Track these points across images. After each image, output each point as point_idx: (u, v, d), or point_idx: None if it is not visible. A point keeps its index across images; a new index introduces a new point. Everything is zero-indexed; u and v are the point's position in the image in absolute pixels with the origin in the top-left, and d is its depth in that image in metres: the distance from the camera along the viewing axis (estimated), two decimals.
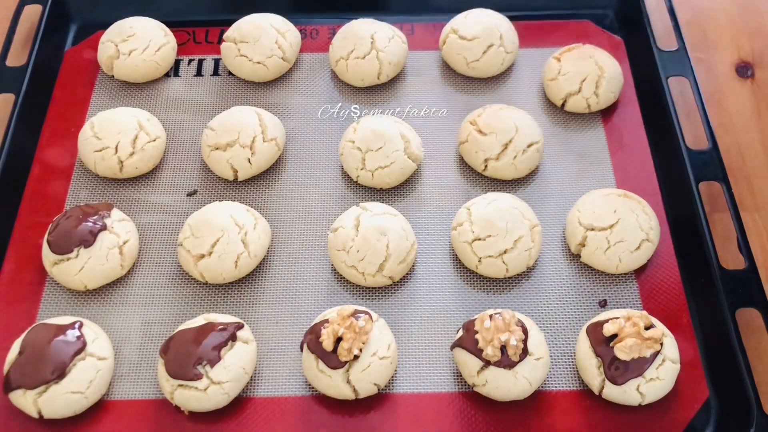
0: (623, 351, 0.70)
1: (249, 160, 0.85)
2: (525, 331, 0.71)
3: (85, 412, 0.72)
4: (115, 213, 0.82)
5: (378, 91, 0.95)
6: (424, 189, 0.87)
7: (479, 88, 0.95)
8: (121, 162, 0.85)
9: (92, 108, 0.94)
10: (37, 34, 0.96)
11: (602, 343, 0.72)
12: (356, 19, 0.96)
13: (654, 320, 0.73)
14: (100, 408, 0.73)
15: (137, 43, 0.94)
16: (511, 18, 0.97)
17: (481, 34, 0.93)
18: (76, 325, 0.73)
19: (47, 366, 0.70)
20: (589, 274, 0.81)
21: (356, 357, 0.70)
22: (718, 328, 0.75)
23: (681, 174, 0.84)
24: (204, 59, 0.98)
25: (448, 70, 0.96)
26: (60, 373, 0.70)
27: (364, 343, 0.71)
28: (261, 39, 0.93)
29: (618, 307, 0.78)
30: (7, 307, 0.79)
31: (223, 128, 0.86)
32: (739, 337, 0.73)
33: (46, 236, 0.79)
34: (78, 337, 0.72)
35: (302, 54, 0.98)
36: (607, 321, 0.72)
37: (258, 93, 0.95)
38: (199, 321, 0.74)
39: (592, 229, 0.79)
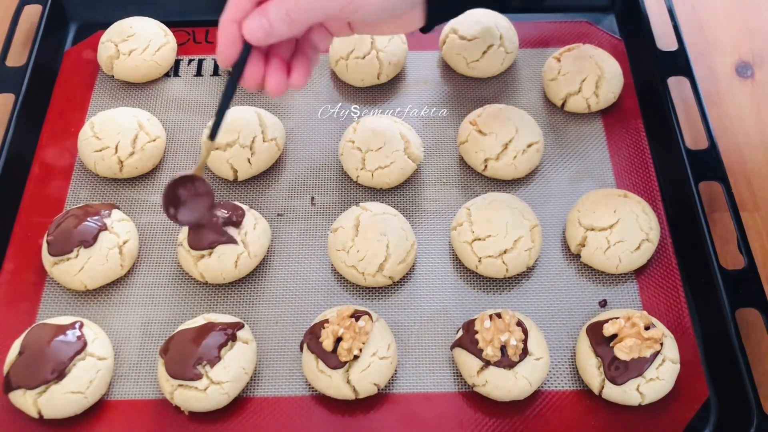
0: (623, 351, 0.70)
1: (249, 160, 0.85)
2: (525, 331, 0.71)
3: (85, 412, 0.72)
4: (115, 213, 0.81)
5: (378, 91, 0.95)
6: (424, 189, 0.87)
7: (479, 88, 0.95)
8: (121, 162, 0.85)
9: (92, 108, 0.94)
10: (36, 34, 0.96)
11: (602, 343, 0.72)
12: None
13: (654, 320, 0.73)
14: (100, 408, 0.73)
15: (137, 43, 0.94)
16: (511, 18, 0.97)
17: (481, 34, 0.93)
18: (76, 325, 0.73)
19: (47, 366, 0.70)
20: (589, 274, 0.81)
21: (356, 357, 0.70)
22: (718, 328, 0.75)
23: (681, 174, 0.84)
24: (204, 59, 0.98)
25: (448, 70, 0.96)
26: (60, 373, 0.70)
27: (363, 343, 0.71)
28: None
29: (618, 307, 0.78)
30: (7, 307, 0.79)
31: (223, 128, 0.85)
32: (739, 337, 0.73)
33: (46, 236, 0.79)
34: (78, 337, 0.72)
35: None
36: (607, 321, 0.73)
37: (258, 93, 0.95)
38: (199, 321, 0.74)
39: (592, 229, 0.79)
